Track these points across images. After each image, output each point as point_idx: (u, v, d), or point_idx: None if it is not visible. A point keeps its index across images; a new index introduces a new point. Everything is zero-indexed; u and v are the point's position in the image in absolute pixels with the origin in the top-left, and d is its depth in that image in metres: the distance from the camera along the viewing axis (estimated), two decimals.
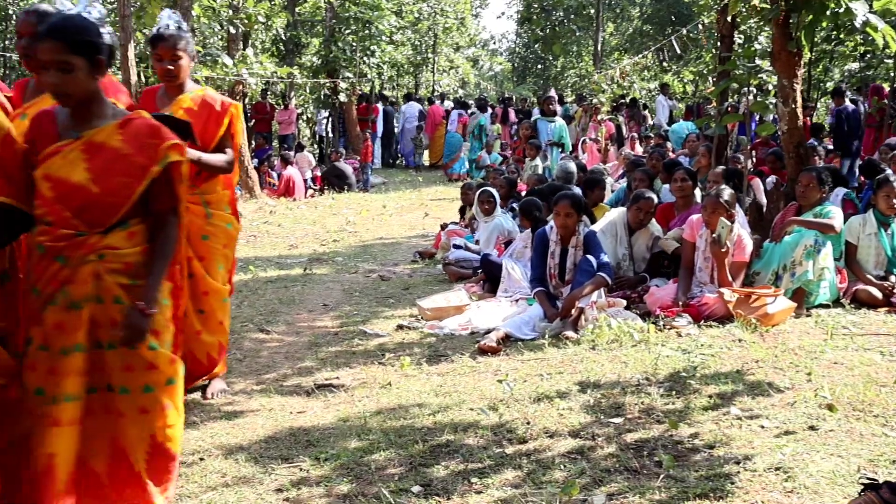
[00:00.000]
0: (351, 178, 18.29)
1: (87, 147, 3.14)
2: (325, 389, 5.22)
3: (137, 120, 3.23)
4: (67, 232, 3.11)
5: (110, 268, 3.14)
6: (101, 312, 3.14)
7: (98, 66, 3.11)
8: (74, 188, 3.10)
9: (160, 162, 3.17)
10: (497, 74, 47.40)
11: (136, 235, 3.21)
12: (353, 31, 21.70)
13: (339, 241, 11.73)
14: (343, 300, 7.90)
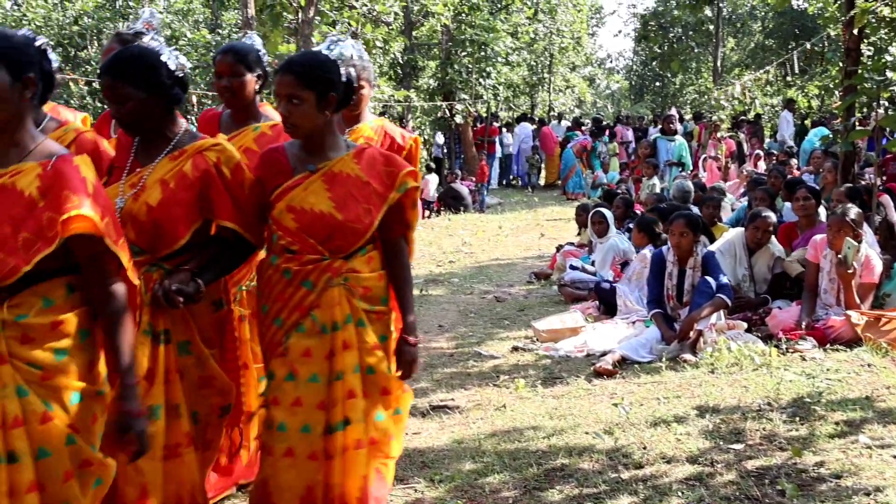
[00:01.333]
0: (467, 199, 18.41)
1: (328, 178, 3.22)
2: (441, 411, 5.26)
3: (369, 150, 3.33)
4: (313, 257, 3.19)
5: (356, 292, 3.21)
6: (351, 336, 3.18)
7: (328, 101, 3.18)
8: (319, 217, 3.18)
9: (398, 188, 3.25)
10: (614, 93, 46.99)
11: (373, 261, 3.28)
12: (468, 53, 21.89)
13: (455, 262, 11.81)
14: (458, 321, 7.95)
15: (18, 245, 2.48)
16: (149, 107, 3.09)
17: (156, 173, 3.13)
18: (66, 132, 3.41)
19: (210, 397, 3.20)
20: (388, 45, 17.43)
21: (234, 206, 3.17)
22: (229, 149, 3.21)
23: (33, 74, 2.57)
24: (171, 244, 3.11)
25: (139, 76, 3.06)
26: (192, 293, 3.05)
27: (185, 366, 3.14)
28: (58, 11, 26.47)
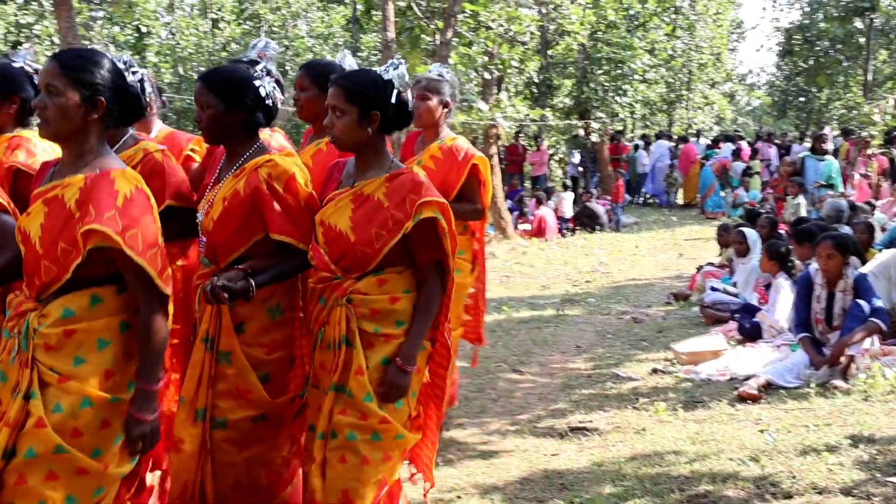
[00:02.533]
0: (603, 218, 18.22)
1: (356, 197, 3.28)
2: (579, 432, 5.21)
3: (405, 175, 3.29)
4: (326, 275, 3.29)
5: (359, 312, 3.22)
6: (345, 355, 3.22)
7: (371, 119, 3.23)
8: (337, 235, 3.25)
9: (414, 217, 3.19)
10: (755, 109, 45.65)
11: (387, 283, 3.25)
12: (605, 71, 21.72)
13: (592, 282, 11.70)
14: (596, 342, 7.86)
15: (58, 254, 2.69)
16: (226, 120, 3.30)
17: (222, 191, 3.33)
18: (136, 152, 3.64)
19: (238, 409, 3.31)
20: (524, 65, 17.48)
21: (286, 219, 3.29)
22: (282, 164, 3.33)
23: (103, 98, 2.75)
24: (229, 257, 3.31)
25: (224, 89, 3.29)
26: (239, 290, 3.17)
27: (224, 375, 3.29)
28: (208, 38, 27.69)
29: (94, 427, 2.70)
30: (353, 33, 27.89)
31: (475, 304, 5.33)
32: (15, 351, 2.72)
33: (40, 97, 2.75)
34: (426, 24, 14.43)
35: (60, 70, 2.72)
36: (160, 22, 27.45)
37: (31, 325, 2.71)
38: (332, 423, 3.19)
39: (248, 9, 28.93)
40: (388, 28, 12.99)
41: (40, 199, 2.77)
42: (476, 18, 14.72)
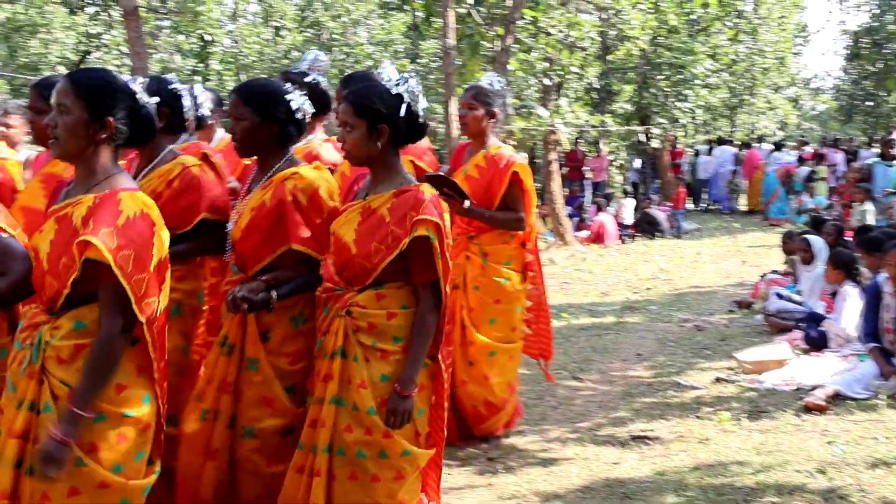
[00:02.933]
0: (663, 225, 18.02)
1: (364, 210, 3.33)
2: (641, 441, 5.16)
3: (411, 191, 3.30)
4: (331, 286, 3.35)
5: (355, 325, 3.24)
6: (341, 367, 3.24)
7: (379, 132, 3.26)
8: (343, 247, 3.31)
9: (410, 234, 3.20)
10: (820, 114, 44.80)
11: (385, 298, 3.26)
12: (665, 76, 21.49)
13: (652, 289, 11.58)
14: (657, 350, 7.78)
15: (60, 269, 2.71)
16: (259, 133, 3.42)
17: (251, 201, 3.45)
18: (175, 166, 3.73)
19: (265, 418, 3.36)
20: (584, 71, 17.38)
21: (308, 231, 3.36)
22: (307, 177, 3.41)
23: (112, 118, 2.77)
24: (255, 266, 3.41)
25: (258, 102, 3.40)
26: (259, 301, 3.25)
27: (250, 381, 3.36)
28: (270, 46, 28.07)
29: (112, 442, 2.70)
30: (413, 40, 28.03)
31: (536, 318, 5.31)
32: (25, 362, 2.73)
33: (51, 115, 2.78)
34: (486, 31, 14.44)
35: (71, 89, 2.75)
36: (224, 30, 27.91)
37: (43, 337, 2.73)
38: (340, 440, 3.19)
39: (309, 17, 29.26)
40: (448, 35, 13.02)
41: (52, 217, 2.82)
42: (536, 24, 14.68)
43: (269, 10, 29.60)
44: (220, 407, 3.37)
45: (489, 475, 4.72)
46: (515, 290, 5.04)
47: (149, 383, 2.79)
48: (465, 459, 4.93)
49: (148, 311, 2.72)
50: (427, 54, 26.45)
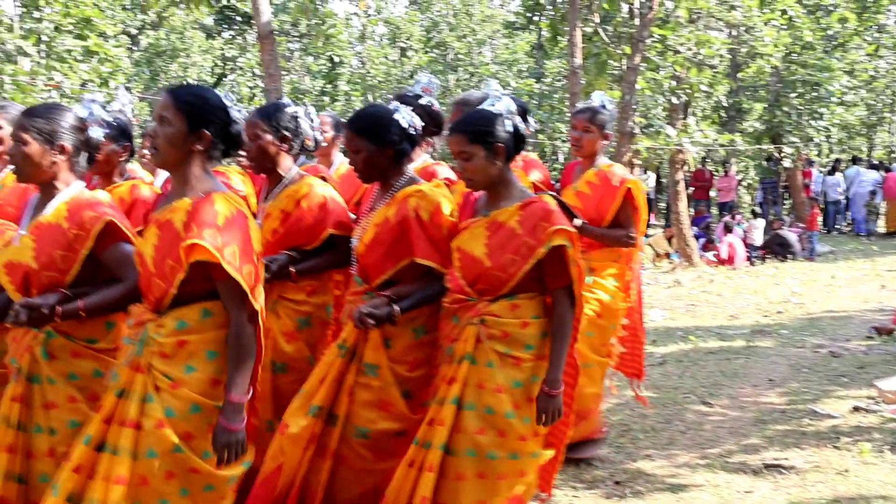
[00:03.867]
0: (795, 247, 17.44)
1: (490, 225, 3.45)
2: (774, 470, 4.99)
3: (537, 203, 3.43)
4: (461, 297, 3.45)
5: (489, 333, 3.37)
6: (473, 373, 3.36)
7: (496, 153, 3.41)
8: (473, 261, 3.43)
9: (546, 245, 3.33)
10: None
11: (519, 308, 3.40)
12: (799, 94, 20.87)
13: (784, 313, 11.20)
14: (790, 376, 7.51)
15: (166, 271, 2.90)
16: (377, 159, 3.57)
17: (375, 218, 3.61)
18: (303, 185, 3.95)
19: (380, 421, 3.49)
20: (713, 89, 17.04)
21: (430, 245, 3.50)
22: (429, 195, 3.56)
23: (208, 131, 2.95)
24: (378, 278, 3.56)
25: (371, 131, 3.56)
26: (383, 316, 3.39)
27: (368, 385, 3.49)
28: (396, 67, 28.60)
29: (203, 431, 2.89)
30: (538, 59, 28.09)
31: (632, 336, 5.28)
32: (131, 356, 2.95)
33: (153, 127, 2.99)
34: (613, 50, 14.35)
35: (173, 102, 2.94)
36: (351, 52, 28.62)
37: (149, 333, 2.93)
38: (471, 442, 3.32)
39: (434, 37, 29.71)
40: (574, 54, 13.00)
41: (154, 224, 3.00)
42: (664, 42, 14.50)
43: (396, 31, 30.22)
44: (335, 408, 3.51)
45: (616, 499, 4.65)
46: (616, 308, 5.07)
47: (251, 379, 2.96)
48: (592, 483, 4.88)
49: (260, 299, 2.92)
50: (551, 73, 26.46)
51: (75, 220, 3.17)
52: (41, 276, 3.16)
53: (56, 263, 3.16)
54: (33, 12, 15.08)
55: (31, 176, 3.25)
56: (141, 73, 24.35)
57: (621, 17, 14.77)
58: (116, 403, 2.91)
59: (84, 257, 3.16)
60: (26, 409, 3.15)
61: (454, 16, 29.40)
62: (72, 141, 3.25)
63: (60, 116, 3.26)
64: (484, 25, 29.67)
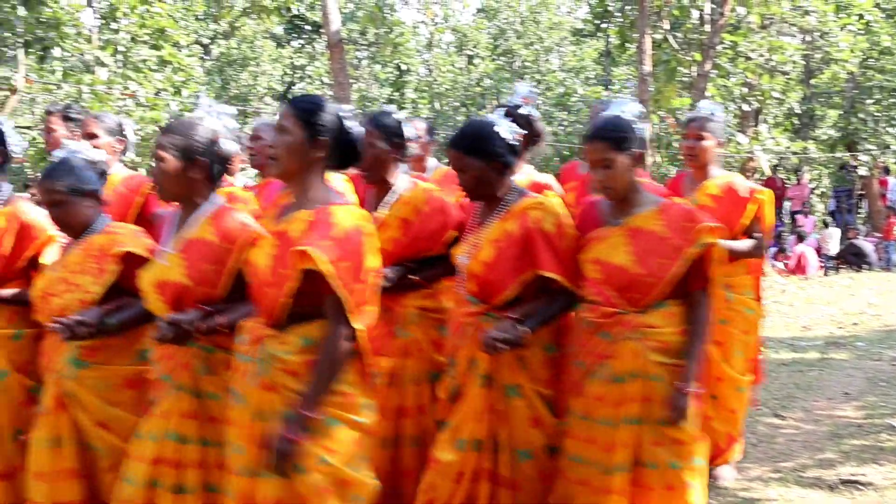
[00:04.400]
0: (871, 257, 17.03)
1: (630, 232, 3.38)
2: (851, 486, 4.86)
3: (675, 205, 3.44)
4: (610, 310, 3.34)
5: (650, 346, 3.30)
6: (641, 388, 3.30)
7: (635, 158, 3.38)
8: (617, 270, 3.34)
9: (697, 244, 3.30)
10: None
11: (672, 316, 3.35)
12: (876, 100, 20.37)
13: (859, 325, 10.92)
14: (867, 389, 7.32)
15: (280, 281, 2.83)
16: (488, 175, 3.45)
17: (489, 234, 3.47)
18: (419, 192, 3.90)
19: (539, 438, 3.41)
20: (786, 95, 16.74)
21: (555, 258, 3.38)
22: (550, 206, 3.47)
23: (326, 138, 2.91)
24: (500, 296, 3.42)
25: (476, 148, 3.44)
26: (514, 339, 3.27)
27: (516, 407, 3.39)
28: (463, 74, 28.67)
29: (346, 446, 2.85)
30: (605, 66, 27.92)
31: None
32: (257, 375, 2.86)
33: (273, 137, 2.96)
34: (682, 56, 14.19)
35: (292, 112, 2.92)
36: (419, 60, 28.77)
37: (270, 350, 2.85)
38: (650, 456, 3.28)
39: (501, 45, 29.71)
40: (643, 61, 12.90)
41: (271, 234, 2.97)
42: (735, 49, 14.30)
43: (463, 39, 30.30)
44: (480, 435, 3.40)
45: None
46: (756, 321, 5.00)
47: (371, 392, 2.94)
48: None
49: (364, 319, 2.83)
50: (619, 80, 26.27)
51: (221, 234, 3.15)
52: (195, 292, 3.12)
53: (208, 278, 3.13)
54: (111, 24, 15.46)
55: (172, 193, 3.23)
56: (212, 82, 24.78)
57: (691, 24, 14.63)
58: (253, 423, 2.84)
59: (232, 270, 3.12)
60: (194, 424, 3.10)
61: (521, 23, 29.39)
62: (208, 155, 3.21)
63: (195, 131, 3.23)
64: (551, 33, 29.59)
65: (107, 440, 3.31)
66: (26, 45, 12.61)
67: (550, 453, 3.43)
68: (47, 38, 12.52)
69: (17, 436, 3.64)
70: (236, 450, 2.90)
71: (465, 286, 3.54)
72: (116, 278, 3.37)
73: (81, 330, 3.19)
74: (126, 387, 3.37)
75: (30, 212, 3.81)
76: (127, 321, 3.33)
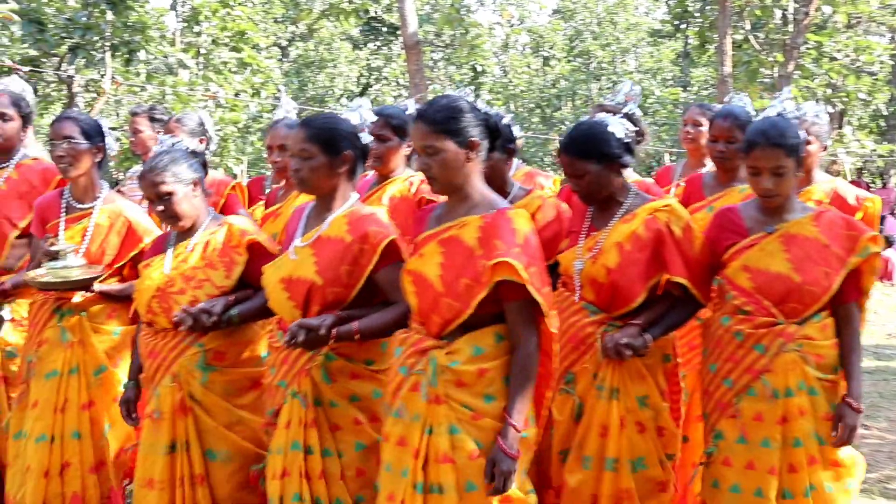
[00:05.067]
0: None
1: (785, 239, 3.21)
2: None
3: (829, 213, 3.32)
4: (766, 320, 3.18)
5: (809, 359, 3.15)
6: (802, 405, 3.14)
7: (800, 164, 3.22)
8: (775, 278, 3.18)
9: (860, 253, 3.17)
10: None
11: (826, 329, 3.20)
12: None
13: None
14: None
15: (461, 290, 2.75)
16: (602, 177, 3.29)
17: (611, 237, 3.30)
18: (532, 199, 3.69)
19: (662, 448, 3.28)
20: (872, 97, 16.28)
21: (684, 263, 3.24)
22: (678, 210, 3.32)
23: (476, 139, 2.81)
24: (627, 303, 3.27)
25: (590, 152, 3.28)
26: (640, 347, 3.16)
27: (643, 419, 3.25)
28: (539, 76, 28.60)
29: None
30: (683, 68, 27.54)
31: None
32: (424, 388, 2.78)
33: (421, 160, 2.84)
34: (764, 57, 13.92)
35: (430, 129, 2.80)
36: (494, 61, 28.76)
37: (439, 361, 2.77)
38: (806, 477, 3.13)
39: (577, 46, 29.54)
40: (724, 62, 12.69)
41: (434, 241, 2.86)
42: (819, 49, 13.97)
43: (539, 40, 30.21)
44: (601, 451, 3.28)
45: None
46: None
47: (535, 404, 2.85)
48: None
49: (555, 321, 2.82)
50: (697, 82, 25.91)
51: (359, 235, 3.04)
52: (325, 292, 3.04)
53: (341, 279, 3.04)
54: (193, 27, 15.81)
55: (315, 188, 3.13)
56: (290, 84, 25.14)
57: (774, 24, 14.35)
58: (422, 438, 2.77)
59: (366, 274, 3.04)
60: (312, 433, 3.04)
61: (598, 24, 29.18)
62: (351, 150, 3.12)
63: (339, 126, 3.16)
64: (628, 34, 29.32)
65: (232, 442, 3.26)
66: (113, 48, 12.96)
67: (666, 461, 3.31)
68: (133, 41, 12.84)
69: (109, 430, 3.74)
70: (392, 468, 2.83)
71: (580, 294, 3.36)
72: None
73: (205, 319, 3.14)
74: (251, 389, 3.34)
75: (133, 210, 3.87)
76: (248, 314, 3.27)
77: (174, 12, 15.91)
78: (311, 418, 3.02)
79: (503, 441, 2.70)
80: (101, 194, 3.89)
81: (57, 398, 3.71)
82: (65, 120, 3.83)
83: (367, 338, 3.01)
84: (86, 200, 3.87)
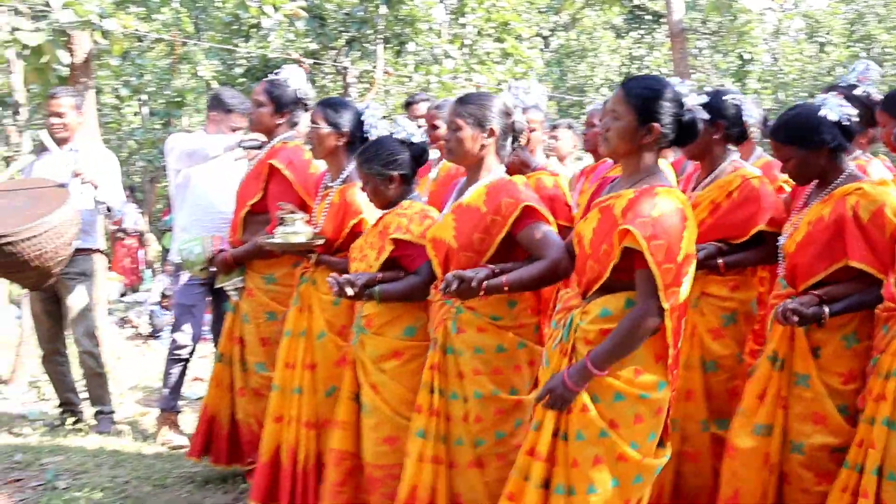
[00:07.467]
0: None
1: None
2: None
3: None
4: (892, 305, 3.14)
5: None
6: None
7: None
8: None
9: None
10: None
11: None
12: None
13: None
14: None
15: (601, 254, 2.96)
16: (809, 161, 3.39)
17: (808, 216, 3.42)
18: (734, 177, 3.84)
19: (815, 434, 3.29)
20: None
21: (868, 247, 3.24)
22: (871, 193, 3.30)
23: (658, 125, 2.95)
24: (806, 281, 3.37)
25: (797, 137, 3.39)
26: (811, 316, 3.19)
27: (799, 397, 3.28)
28: (813, 63, 27.02)
29: (628, 420, 2.92)
30: None
31: None
32: (558, 340, 3.05)
33: (605, 121, 3.04)
34: None
35: (624, 97, 2.99)
36: (763, 48, 27.45)
37: (574, 319, 3.01)
38: None
39: (858, 30, 27.56)
40: None
41: (597, 208, 3.08)
42: None
43: (815, 25, 28.49)
44: (774, 422, 3.38)
45: None
46: None
47: (664, 370, 2.96)
48: None
49: (672, 299, 2.87)
50: None
51: (493, 205, 3.36)
52: (459, 255, 3.39)
53: (473, 245, 3.38)
54: (459, 19, 16.28)
55: (462, 158, 3.48)
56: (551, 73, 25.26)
57: None
58: None
59: (500, 241, 3.37)
60: (443, 377, 3.44)
61: (884, 6, 27.08)
62: (500, 125, 3.44)
63: (490, 102, 3.46)
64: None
65: (372, 400, 3.68)
66: (385, 40, 13.63)
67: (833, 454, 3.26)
68: (403, 34, 13.47)
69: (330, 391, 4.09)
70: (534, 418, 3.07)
71: (782, 267, 3.51)
72: (392, 256, 3.74)
73: (348, 289, 3.58)
74: (392, 357, 3.70)
75: (355, 191, 4.20)
76: (389, 294, 3.69)
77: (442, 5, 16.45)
78: (438, 362, 3.42)
79: (567, 371, 2.92)
80: (342, 175, 4.26)
81: (287, 355, 4.16)
82: (316, 108, 4.26)
83: (514, 290, 3.28)
84: (334, 180, 4.29)
